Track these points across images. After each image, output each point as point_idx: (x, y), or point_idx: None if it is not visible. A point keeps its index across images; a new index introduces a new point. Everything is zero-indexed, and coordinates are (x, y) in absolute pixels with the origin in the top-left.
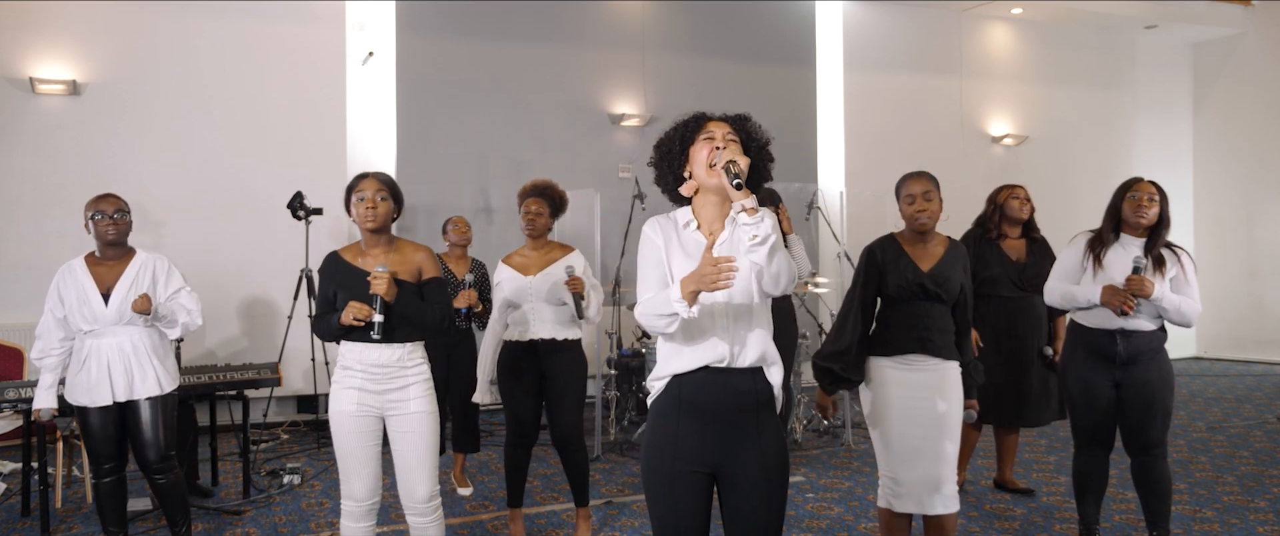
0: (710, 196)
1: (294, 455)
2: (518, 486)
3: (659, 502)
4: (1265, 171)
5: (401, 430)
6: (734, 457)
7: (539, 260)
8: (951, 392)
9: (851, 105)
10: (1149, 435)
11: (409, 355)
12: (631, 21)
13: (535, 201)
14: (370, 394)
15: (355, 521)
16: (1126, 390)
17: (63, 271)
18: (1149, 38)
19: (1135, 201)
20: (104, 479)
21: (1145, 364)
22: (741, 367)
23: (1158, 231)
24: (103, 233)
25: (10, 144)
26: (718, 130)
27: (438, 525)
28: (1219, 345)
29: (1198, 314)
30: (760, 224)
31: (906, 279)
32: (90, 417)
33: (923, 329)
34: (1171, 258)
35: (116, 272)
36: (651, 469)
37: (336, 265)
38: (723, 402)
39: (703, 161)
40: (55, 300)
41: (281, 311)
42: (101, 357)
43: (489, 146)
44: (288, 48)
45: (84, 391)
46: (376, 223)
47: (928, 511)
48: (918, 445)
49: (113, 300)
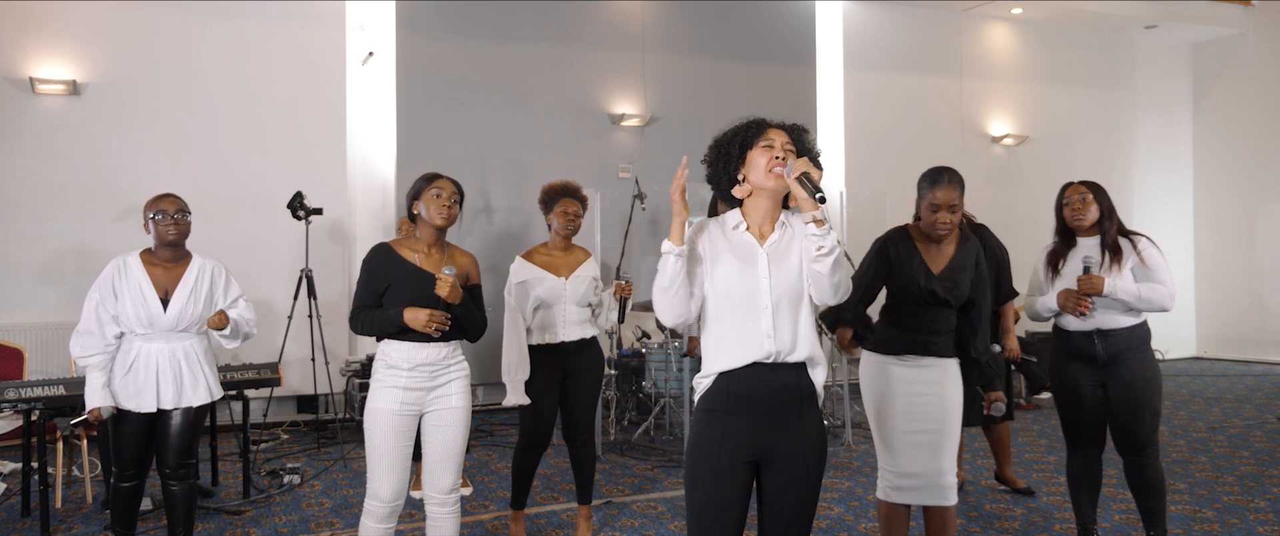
0: (762, 201)
1: (294, 455)
2: (524, 489)
3: (702, 492)
4: (1265, 171)
5: (438, 424)
6: (778, 448)
7: (567, 262)
8: (952, 386)
9: (851, 105)
10: (1139, 435)
11: (453, 352)
12: (631, 21)
13: (573, 202)
14: (415, 392)
15: (378, 522)
16: (1112, 390)
17: (117, 267)
18: (1149, 38)
19: (1070, 206)
20: (126, 483)
21: (1129, 363)
22: (789, 363)
23: (1104, 227)
24: (164, 233)
25: (10, 144)
26: (778, 138)
27: (454, 517)
28: (1219, 345)
29: (1169, 295)
30: (827, 236)
31: (917, 284)
32: (127, 421)
33: (927, 332)
34: (1128, 247)
35: (174, 275)
36: (698, 458)
37: (393, 258)
38: (771, 396)
39: (762, 166)
40: (108, 295)
41: (281, 311)
42: (150, 363)
43: (489, 146)
44: (288, 48)
45: (129, 395)
46: (448, 221)
47: (929, 503)
48: (919, 440)
49: (172, 306)
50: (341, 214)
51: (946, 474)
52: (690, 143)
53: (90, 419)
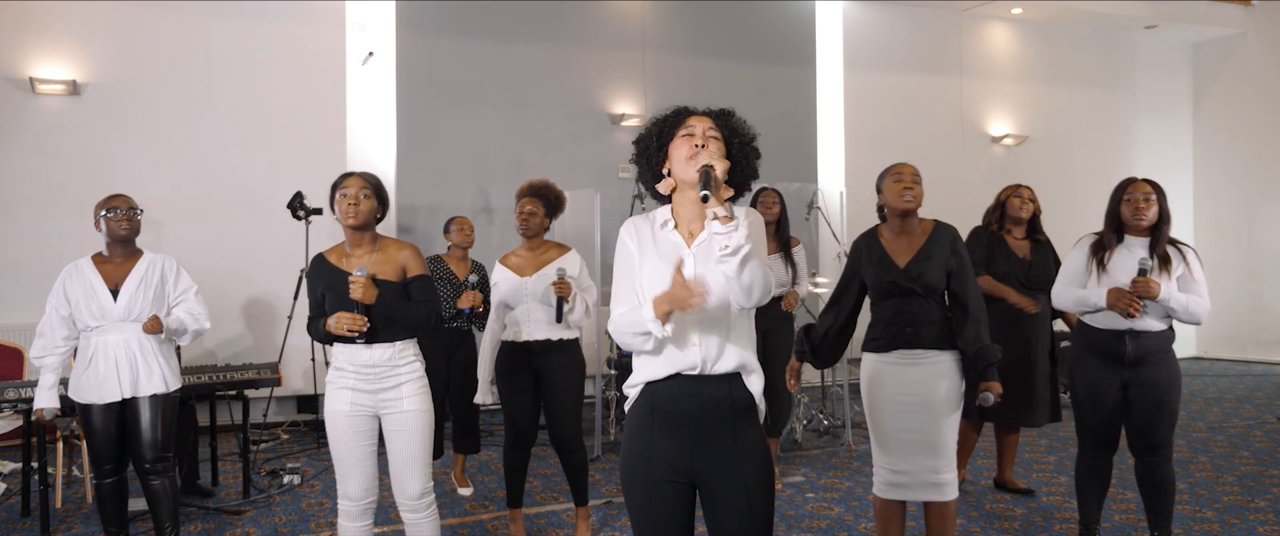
0: (690, 195)
1: (294, 455)
2: (517, 486)
3: (637, 512)
4: (1265, 171)
5: (395, 428)
6: (711, 467)
7: (534, 261)
8: (946, 381)
9: (851, 105)
10: (1156, 435)
11: (400, 354)
12: (631, 21)
13: (529, 201)
14: (363, 393)
15: (351, 521)
16: (1134, 390)
17: (69, 270)
18: (1149, 38)
19: (1132, 203)
20: (105, 479)
21: (1153, 364)
22: (716, 375)
23: (1160, 230)
24: (115, 229)
25: (10, 144)
26: (699, 126)
27: (431, 522)
28: (1219, 345)
29: (1206, 310)
30: (732, 234)
31: (882, 278)
32: (94, 416)
33: (906, 324)
34: (1176, 256)
35: (124, 270)
36: (629, 477)
37: (322, 267)
38: (696, 411)
39: (682, 158)
40: (60, 298)
41: (281, 311)
42: (108, 354)
43: (489, 146)
44: (288, 48)
45: (92, 388)
46: (357, 220)
47: (925, 499)
48: (913, 438)
49: (122, 296)
50: None
51: (942, 470)
52: None
53: (35, 419)
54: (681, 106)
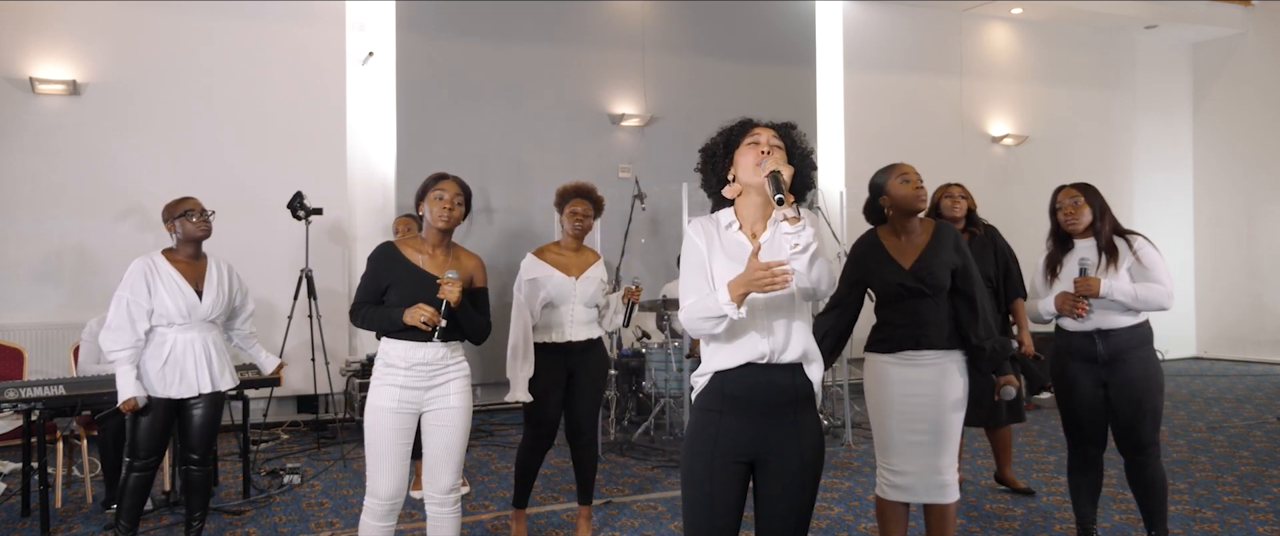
0: (754, 198)
1: (294, 455)
2: (526, 488)
3: (696, 490)
4: (1265, 171)
5: (437, 423)
6: (773, 448)
7: (578, 262)
8: (953, 382)
9: (851, 105)
10: (1140, 435)
11: (452, 352)
12: (631, 21)
13: (581, 203)
14: (412, 391)
15: (377, 520)
16: (1113, 390)
17: (145, 265)
18: (1149, 38)
19: (1062, 211)
20: (139, 472)
21: (1130, 362)
22: (783, 363)
23: (1097, 228)
24: (194, 232)
25: (10, 144)
26: (763, 135)
27: (454, 517)
28: (1219, 345)
29: (1167, 294)
30: (801, 232)
31: (889, 281)
32: (159, 409)
33: (916, 325)
34: (1124, 247)
35: (198, 270)
36: (693, 458)
37: (395, 258)
38: (764, 397)
39: (749, 164)
40: (141, 292)
41: (281, 311)
42: (187, 350)
43: (489, 146)
44: (288, 48)
45: (173, 383)
46: (448, 224)
47: (927, 500)
48: (916, 439)
49: (206, 296)
50: (341, 214)
51: (944, 471)
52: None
53: (123, 410)
54: (746, 118)
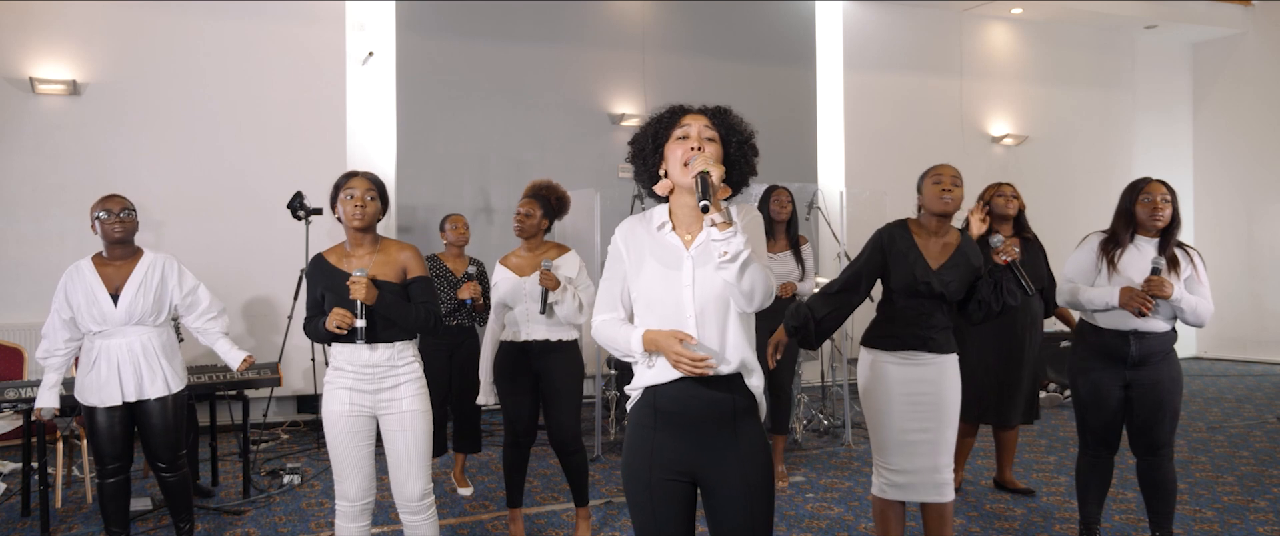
0: (686, 198)
1: (294, 455)
2: (517, 486)
3: (639, 510)
4: (1265, 171)
5: (394, 429)
6: (712, 466)
7: (533, 261)
8: (949, 383)
9: (851, 105)
10: (1157, 435)
11: (399, 354)
12: (631, 21)
13: (526, 203)
14: (362, 394)
15: (349, 521)
16: (1136, 390)
17: (70, 272)
18: (1149, 38)
19: (1150, 204)
20: (109, 479)
21: (1156, 364)
22: (717, 377)
23: (1171, 232)
24: (109, 232)
25: (10, 144)
26: (694, 125)
27: (431, 524)
28: (1219, 345)
29: (1210, 313)
30: (731, 240)
31: (913, 277)
32: (98, 417)
33: (925, 327)
34: (1184, 257)
35: (124, 272)
36: (631, 477)
37: (321, 267)
38: (698, 412)
39: (678, 160)
40: (62, 301)
41: (281, 311)
42: (111, 358)
43: (489, 146)
44: (288, 48)
45: (94, 391)
46: (363, 222)
47: (925, 500)
48: (917, 438)
49: (122, 300)
50: None
51: (943, 470)
52: None
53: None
54: (677, 105)
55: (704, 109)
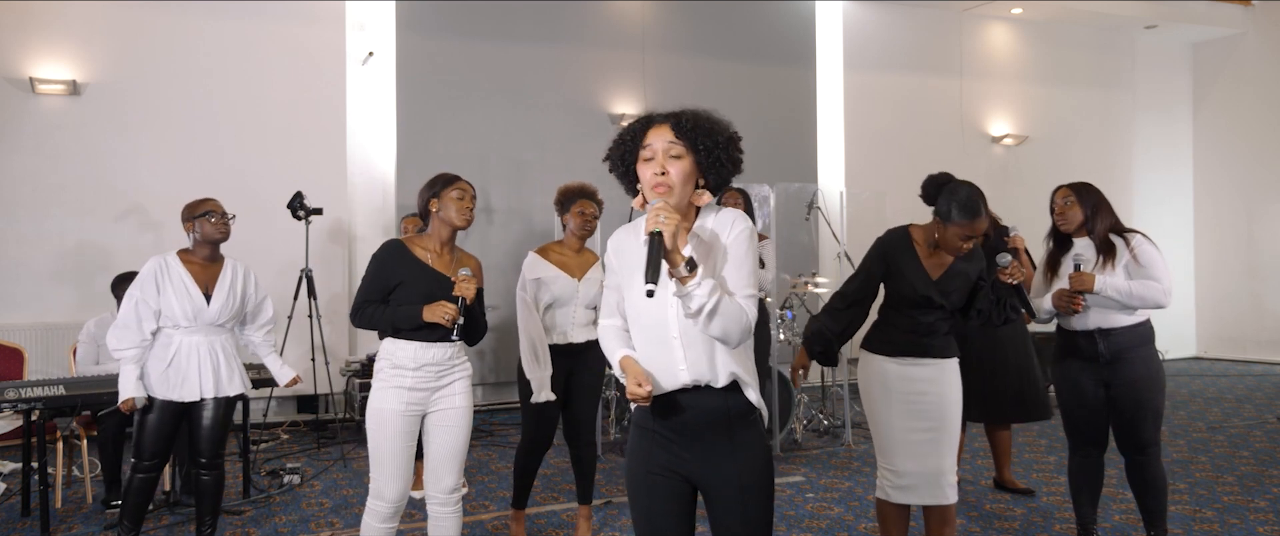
0: None
1: (294, 455)
2: (525, 489)
3: (637, 507)
4: (1265, 171)
5: (441, 424)
6: (710, 471)
7: (580, 263)
8: (951, 384)
9: (851, 105)
10: (1141, 434)
11: (458, 352)
12: (631, 21)
13: (589, 204)
14: (419, 392)
15: (381, 521)
16: (1115, 390)
17: (159, 264)
18: (1149, 38)
19: (1056, 210)
20: (142, 474)
21: (1131, 362)
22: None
23: (1092, 226)
24: (212, 233)
25: (10, 144)
26: (658, 143)
27: (456, 516)
28: (1219, 345)
29: (1163, 292)
30: (693, 294)
31: (913, 289)
32: (160, 411)
33: (924, 334)
34: (1121, 244)
35: (212, 273)
36: (631, 478)
37: (404, 257)
38: (696, 419)
39: (649, 184)
40: (150, 292)
41: (282, 311)
42: (192, 354)
43: (489, 146)
44: (288, 48)
45: (173, 385)
46: (468, 223)
47: (929, 502)
48: (919, 438)
49: (215, 300)
50: (341, 214)
51: (946, 473)
52: None
53: (122, 409)
54: (645, 116)
55: (669, 117)
